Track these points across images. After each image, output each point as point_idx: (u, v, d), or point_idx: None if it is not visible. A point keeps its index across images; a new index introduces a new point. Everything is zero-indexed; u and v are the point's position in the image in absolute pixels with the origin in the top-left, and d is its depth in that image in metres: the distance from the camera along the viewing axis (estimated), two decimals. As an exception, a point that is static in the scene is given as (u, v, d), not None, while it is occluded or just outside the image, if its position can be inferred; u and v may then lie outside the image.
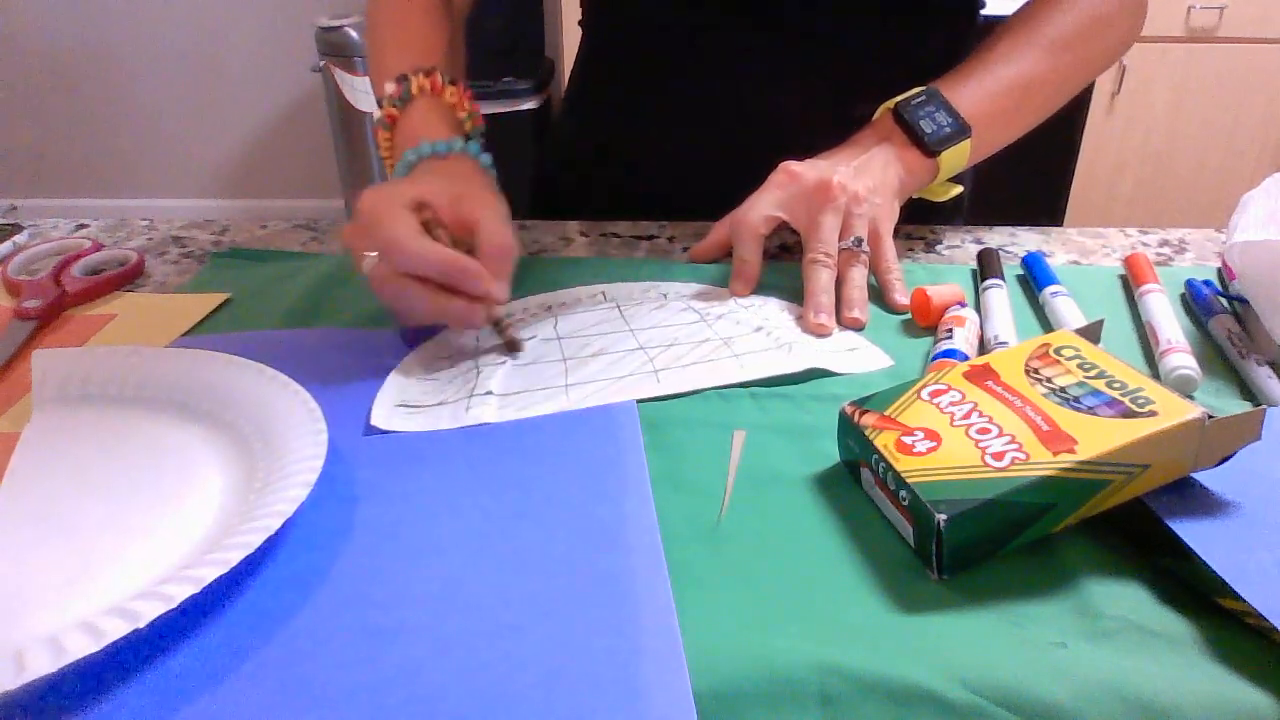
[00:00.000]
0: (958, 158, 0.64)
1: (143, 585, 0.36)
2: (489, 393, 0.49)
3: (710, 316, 0.56)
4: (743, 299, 0.59)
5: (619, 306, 0.57)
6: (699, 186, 0.71)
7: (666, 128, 0.76)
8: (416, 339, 0.55)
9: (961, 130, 0.63)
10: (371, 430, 0.47)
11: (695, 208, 0.72)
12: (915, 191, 0.65)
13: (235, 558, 0.35)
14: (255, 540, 0.36)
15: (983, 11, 0.77)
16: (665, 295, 0.59)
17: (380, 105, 0.62)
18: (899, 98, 0.64)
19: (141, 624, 0.32)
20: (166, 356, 0.51)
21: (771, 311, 0.57)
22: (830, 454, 0.45)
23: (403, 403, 0.49)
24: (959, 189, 0.67)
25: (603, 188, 0.81)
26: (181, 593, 0.33)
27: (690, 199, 0.72)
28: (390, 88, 0.61)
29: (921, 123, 0.62)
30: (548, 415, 0.48)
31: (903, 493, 0.38)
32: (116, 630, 0.32)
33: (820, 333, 0.55)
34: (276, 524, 0.37)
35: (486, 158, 0.60)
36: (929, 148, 0.62)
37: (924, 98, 0.63)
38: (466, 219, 0.52)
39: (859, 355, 0.53)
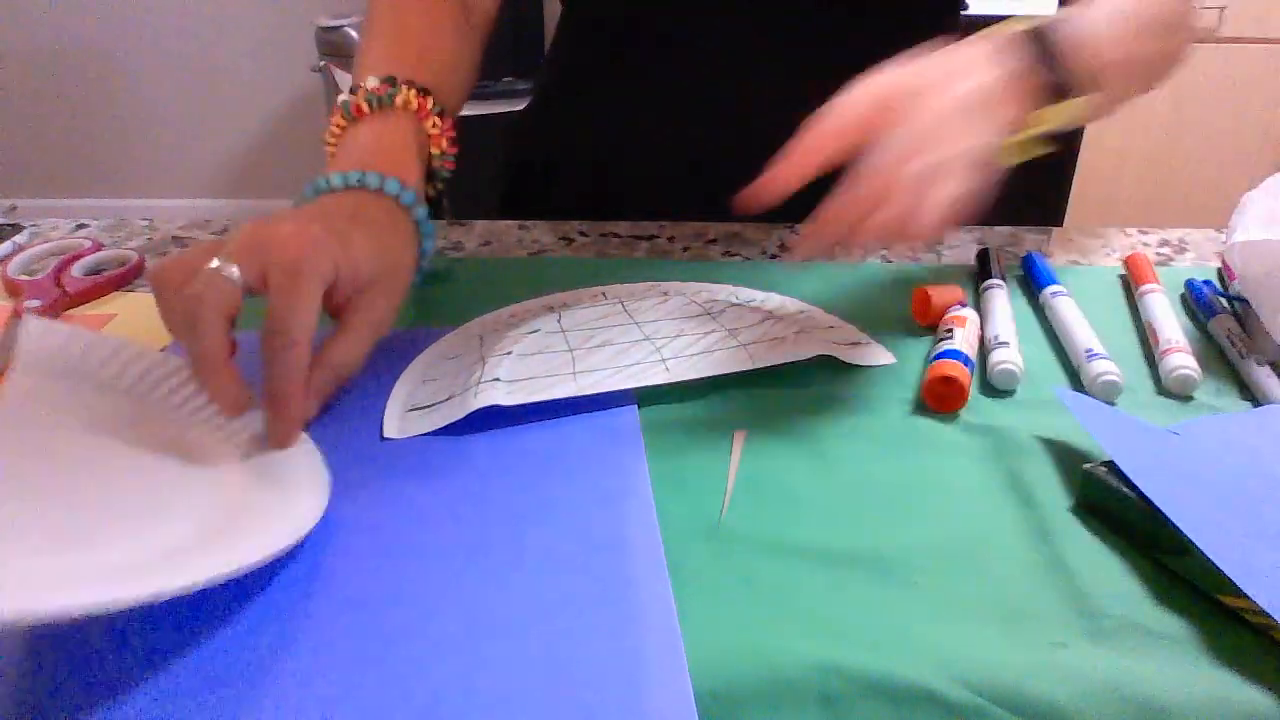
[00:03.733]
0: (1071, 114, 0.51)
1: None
2: (496, 379, 0.49)
3: (714, 310, 0.56)
4: (745, 293, 0.59)
5: (621, 303, 0.58)
6: (673, 184, 0.70)
7: (641, 124, 0.76)
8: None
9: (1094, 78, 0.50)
10: (385, 440, 0.47)
11: (669, 206, 0.72)
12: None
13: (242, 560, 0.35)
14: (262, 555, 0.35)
15: (965, 12, 0.77)
16: (666, 293, 0.59)
17: (354, 92, 0.54)
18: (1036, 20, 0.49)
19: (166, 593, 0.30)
20: (163, 360, 0.49)
21: (776, 303, 0.57)
22: (829, 453, 0.45)
23: (413, 406, 0.49)
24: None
25: (570, 185, 0.80)
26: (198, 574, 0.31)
27: (664, 197, 0.72)
28: (373, 83, 0.54)
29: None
30: (548, 421, 0.48)
31: None
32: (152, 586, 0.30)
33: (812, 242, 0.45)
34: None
35: (420, 211, 0.52)
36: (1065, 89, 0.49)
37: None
38: (346, 307, 0.46)
39: (862, 350, 0.53)
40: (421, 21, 0.62)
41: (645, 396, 0.49)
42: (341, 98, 0.54)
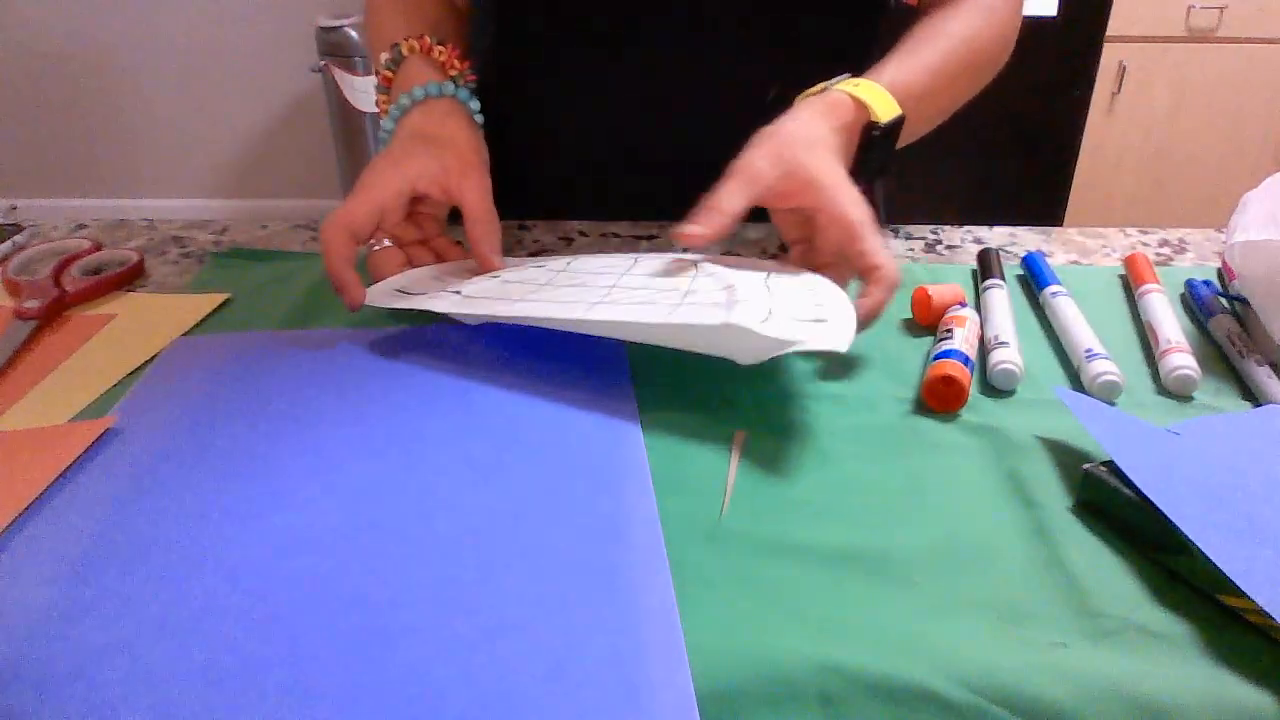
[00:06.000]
0: None
1: None
2: (456, 291, 0.55)
3: (699, 274, 0.53)
4: (757, 276, 0.53)
5: (636, 258, 0.58)
6: (613, 178, 0.70)
7: (576, 122, 0.76)
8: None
9: (884, 170, 0.60)
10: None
11: (608, 202, 0.74)
12: None
13: None
14: None
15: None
16: (688, 261, 0.56)
17: (377, 74, 0.66)
18: (881, 117, 0.56)
19: None
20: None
21: (750, 274, 0.52)
22: (829, 452, 0.45)
23: (399, 288, 0.55)
24: None
25: (509, 183, 0.79)
26: None
27: (605, 192, 0.72)
28: (384, 55, 0.65)
29: (872, 163, 0.58)
30: (548, 419, 0.48)
31: None
32: None
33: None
34: None
35: (475, 103, 0.63)
36: (862, 181, 0.55)
37: (891, 127, 0.58)
38: (454, 195, 0.58)
39: (817, 328, 0.46)
40: (410, 2, 0.71)
41: (646, 396, 0.49)
42: (375, 85, 0.66)
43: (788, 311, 0.47)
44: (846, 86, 0.57)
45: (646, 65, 0.71)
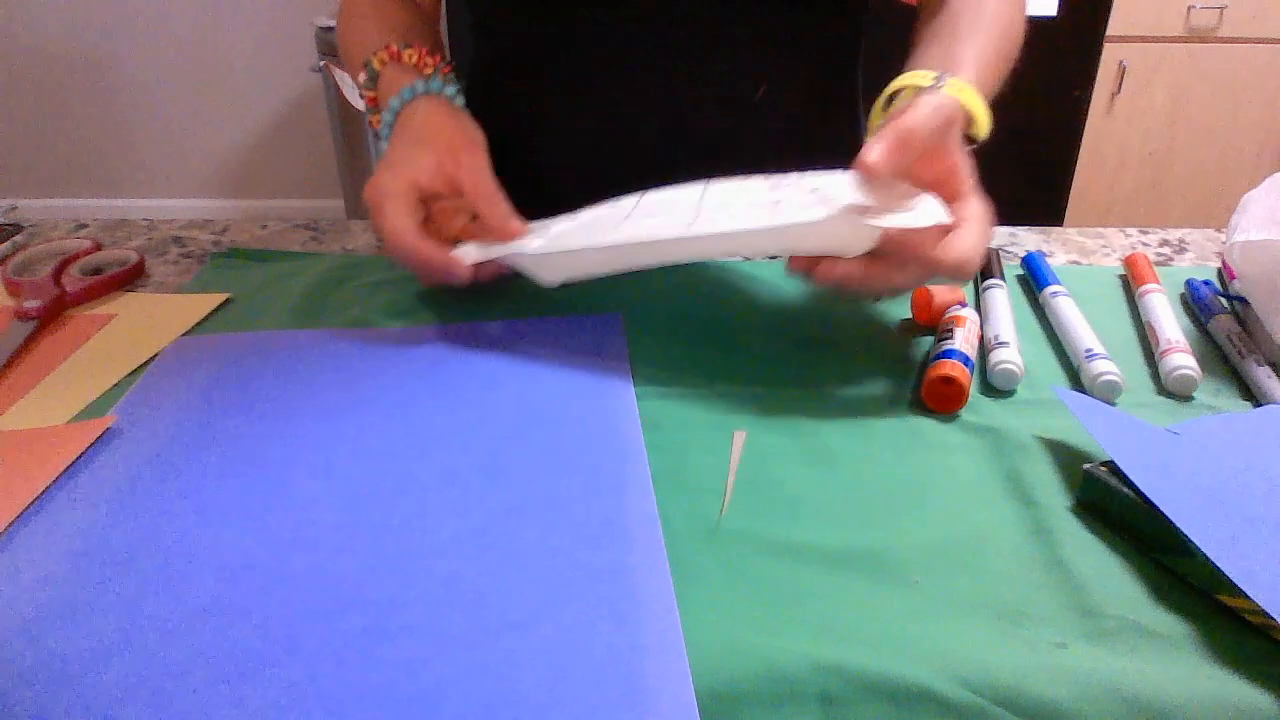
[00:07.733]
0: None
1: None
2: (544, 231, 0.55)
3: (780, 185, 0.53)
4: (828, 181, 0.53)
5: (706, 185, 0.56)
6: (598, 181, 0.71)
7: (563, 125, 0.75)
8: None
9: None
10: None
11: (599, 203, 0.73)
12: None
13: None
14: None
15: None
16: (769, 186, 0.55)
17: (363, 99, 0.66)
18: (979, 134, 0.57)
19: None
20: None
21: (837, 178, 0.52)
22: (829, 453, 0.45)
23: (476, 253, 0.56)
24: None
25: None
26: None
27: (589, 192, 0.73)
28: (361, 77, 0.65)
29: None
30: (546, 411, 0.48)
31: None
32: None
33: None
34: None
35: (451, 89, 0.63)
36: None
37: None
38: (455, 181, 0.58)
39: (915, 207, 0.49)
40: (374, 10, 0.73)
41: (646, 395, 0.49)
42: (355, 96, 0.66)
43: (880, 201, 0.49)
44: (954, 92, 0.54)
45: (636, 67, 0.71)
